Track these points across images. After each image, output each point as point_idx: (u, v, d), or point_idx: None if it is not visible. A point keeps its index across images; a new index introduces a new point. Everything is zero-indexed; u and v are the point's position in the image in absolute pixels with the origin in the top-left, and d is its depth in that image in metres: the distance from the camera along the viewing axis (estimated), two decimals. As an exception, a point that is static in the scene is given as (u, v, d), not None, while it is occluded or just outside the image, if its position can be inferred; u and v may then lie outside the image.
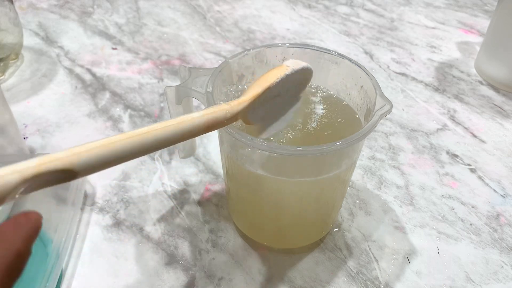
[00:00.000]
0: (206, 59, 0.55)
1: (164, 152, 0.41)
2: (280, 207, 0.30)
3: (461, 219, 0.36)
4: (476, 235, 0.35)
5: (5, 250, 0.15)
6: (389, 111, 0.26)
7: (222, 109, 0.23)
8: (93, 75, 0.51)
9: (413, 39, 0.60)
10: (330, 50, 0.31)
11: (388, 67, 0.54)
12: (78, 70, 0.52)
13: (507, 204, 0.38)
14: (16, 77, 0.51)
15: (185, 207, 0.36)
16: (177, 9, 0.65)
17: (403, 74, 0.53)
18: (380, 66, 0.55)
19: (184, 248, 0.33)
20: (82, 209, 0.36)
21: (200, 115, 0.22)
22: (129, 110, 0.46)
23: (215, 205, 0.37)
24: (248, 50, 0.31)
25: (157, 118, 0.45)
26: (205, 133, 0.22)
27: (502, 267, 0.33)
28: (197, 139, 0.42)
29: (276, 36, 0.60)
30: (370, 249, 0.34)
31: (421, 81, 0.52)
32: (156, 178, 0.39)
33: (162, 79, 0.51)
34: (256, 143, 0.24)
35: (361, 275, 0.32)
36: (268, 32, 0.60)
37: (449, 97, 0.50)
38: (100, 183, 0.38)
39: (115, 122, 0.45)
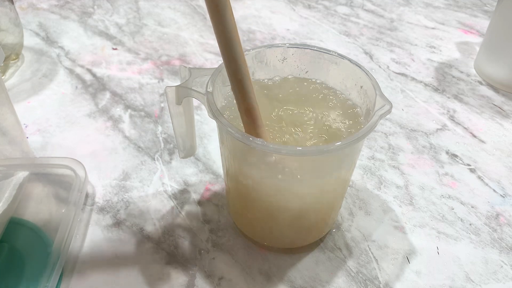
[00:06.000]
0: (206, 59, 0.55)
1: (165, 152, 0.41)
2: (280, 207, 0.30)
3: (461, 219, 0.36)
4: (476, 235, 0.35)
5: None
6: (389, 111, 0.26)
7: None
8: (94, 75, 0.51)
9: (412, 39, 0.60)
10: (330, 50, 0.31)
11: (388, 67, 0.55)
12: (78, 70, 0.52)
13: (506, 204, 0.38)
14: (17, 77, 0.51)
15: (185, 207, 0.36)
16: (178, 10, 0.65)
17: (402, 74, 0.53)
18: (379, 66, 0.55)
19: (184, 248, 0.33)
20: (82, 209, 0.36)
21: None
22: (129, 110, 0.46)
23: (215, 205, 0.37)
24: (248, 50, 0.31)
25: (157, 118, 0.45)
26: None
27: (502, 266, 0.33)
28: (197, 139, 0.42)
29: (276, 36, 0.60)
30: (369, 249, 0.34)
31: (421, 81, 0.52)
32: (157, 178, 0.39)
33: (162, 79, 0.51)
34: (256, 143, 0.24)
35: (361, 275, 0.32)
36: (268, 33, 0.61)
37: (448, 97, 0.50)
38: (100, 183, 0.38)
39: (116, 122, 0.45)
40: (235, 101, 0.31)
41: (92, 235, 0.34)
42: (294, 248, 0.34)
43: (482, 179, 0.40)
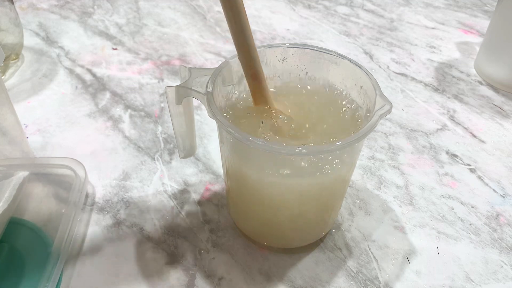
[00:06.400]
0: (206, 59, 0.55)
1: (165, 152, 0.41)
2: (280, 207, 0.30)
3: (461, 219, 0.36)
4: (476, 235, 0.35)
5: None
6: (389, 111, 0.26)
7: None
8: (94, 75, 0.51)
9: (412, 39, 0.60)
10: (330, 50, 0.31)
11: (388, 67, 0.55)
12: (78, 70, 0.52)
13: (506, 204, 0.38)
14: (17, 77, 0.51)
15: (185, 207, 0.36)
16: (177, 10, 0.65)
17: (402, 74, 0.53)
18: (379, 66, 0.55)
19: (184, 248, 0.33)
20: (82, 209, 0.36)
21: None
22: (129, 110, 0.46)
23: (215, 205, 0.37)
24: (248, 50, 0.31)
25: (157, 118, 0.45)
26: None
27: (502, 266, 0.33)
28: (197, 139, 0.42)
29: (276, 36, 0.60)
30: (370, 249, 0.34)
31: (421, 81, 0.52)
32: (157, 178, 0.39)
33: (162, 79, 0.51)
34: (256, 143, 0.24)
35: (361, 275, 0.32)
36: (268, 32, 0.61)
37: (448, 97, 0.50)
38: (100, 183, 0.38)
39: (116, 122, 0.45)
40: (235, 101, 0.31)
41: (92, 235, 0.34)
42: (294, 248, 0.34)
43: (482, 179, 0.40)
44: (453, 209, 0.37)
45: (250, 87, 0.29)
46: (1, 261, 0.31)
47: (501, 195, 0.39)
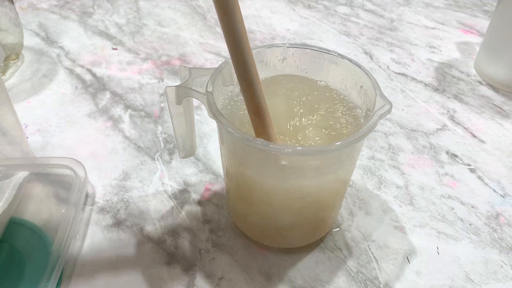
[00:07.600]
0: (206, 59, 0.55)
1: (165, 152, 0.41)
2: (280, 207, 0.30)
3: (461, 219, 0.36)
4: (476, 235, 0.35)
5: None
6: (389, 111, 0.26)
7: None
8: (94, 75, 0.51)
9: (412, 39, 0.60)
10: (330, 50, 0.31)
11: (388, 67, 0.55)
12: (78, 70, 0.52)
13: (506, 204, 0.38)
14: (17, 77, 0.51)
15: (185, 207, 0.36)
16: (177, 10, 0.65)
17: (402, 74, 0.53)
18: (379, 66, 0.55)
19: (184, 248, 0.33)
20: (82, 209, 0.36)
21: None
22: (129, 110, 0.46)
23: (215, 205, 0.37)
24: (248, 50, 0.31)
25: (157, 118, 0.45)
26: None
27: (502, 266, 0.33)
28: (197, 139, 0.42)
29: (276, 36, 0.60)
30: (370, 249, 0.34)
31: (421, 81, 0.52)
32: (157, 178, 0.39)
33: (162, 79, 0.51)
34: (256, 143, 0.24)
35: (361, 275, 0.32)
36: (268, 32, 0.61)
37: (448, 97, 0.50)
38: (100, 183, 0.38)
39: (116, 122, 0.45)
40: (233, 100, 0.31)
41: (92, 235, 0.34)
42: (294, 248, 0.34)
43: (482, 179, 0.40)
44: (453, 209, 0.37)
45: (252, 122, 0.26)
46: (1, 261, 0.31)
47: (501, 195, 0.39)
